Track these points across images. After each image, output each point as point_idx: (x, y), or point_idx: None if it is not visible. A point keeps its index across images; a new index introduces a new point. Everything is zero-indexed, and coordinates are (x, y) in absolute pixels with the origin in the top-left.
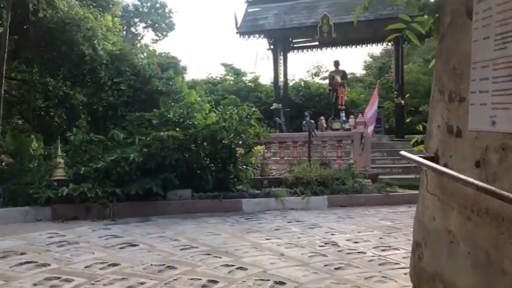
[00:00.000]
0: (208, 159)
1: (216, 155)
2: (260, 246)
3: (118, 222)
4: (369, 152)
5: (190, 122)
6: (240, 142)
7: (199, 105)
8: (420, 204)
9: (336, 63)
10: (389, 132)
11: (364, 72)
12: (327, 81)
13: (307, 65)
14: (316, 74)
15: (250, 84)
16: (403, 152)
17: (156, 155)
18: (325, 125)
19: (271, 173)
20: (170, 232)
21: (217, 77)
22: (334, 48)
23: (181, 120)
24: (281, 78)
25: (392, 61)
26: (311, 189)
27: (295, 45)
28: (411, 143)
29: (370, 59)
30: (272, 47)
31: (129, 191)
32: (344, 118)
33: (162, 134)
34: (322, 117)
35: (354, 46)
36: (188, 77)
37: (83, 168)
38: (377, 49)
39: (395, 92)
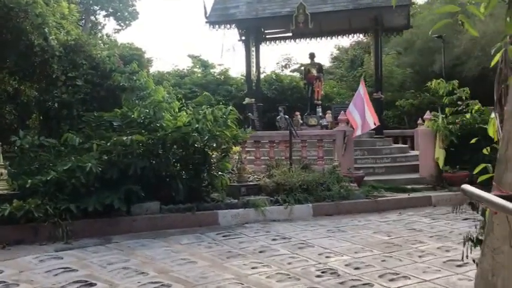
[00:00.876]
0: (178, 166)
1: (188, 160)
2: (246, 279)
3: (73, 246)
4: (352, 152)
5: (157, 124)
6: (215, 145)
7: (167, 104)
8: (488, 259)
9: (311, 56)
10: None
11: (330, 64)
12: (297, 74)
13: (277, 57)
14: (286, 66)
15: (219, 77)
16: (466, 187)
17: (118, 163)
18: (300, 121)
19: (249, 178)
20: (135, 260)
21: (184, 69)
22: (308, 39)
23: (147, 121)
24: (253, 71)
25: (371, 53)
26: (294, 197)
27: (267, 36)
28: (474, 172)
29: (337, 51)
30: (244, 37)
31: (86, 207)
32: (320, 114)
33: (125, 138)
34: (297, 113)
35: (329, 37)
36: (154, 69)
37: (29, 181)
38: (345, 42)
39: (372, 86)
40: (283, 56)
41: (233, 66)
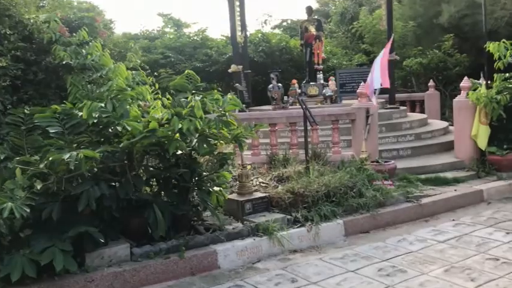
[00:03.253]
0: (155, 186)
1: (169, 177)
2: None
3: None
4: (377, 136)
5: (119, 126)
6: (208, 150)
7: (135, 90)
8: None
9: (309, 10)
10: None
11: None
12: (281, 30)
13: (255, 13)
14: (266, 23)
15: (195, 38)
16: None
17: (60, 194)
18: (298, 91)
19: (254, 186)
20: None
21: (153, 30)
22: None
23: (104, 122)
24: (238, 31)
25: (383, 6)
26: (318, 212)
27: None
28: None
29: (317, 4)
30: None
31: (8, 272)
32: (322, 81)
33: (66, 156)
34: (294, 81)
35: None
36: (118, 31)
37: None
38: None
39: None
40: (264, 13)
41: (214, 26)
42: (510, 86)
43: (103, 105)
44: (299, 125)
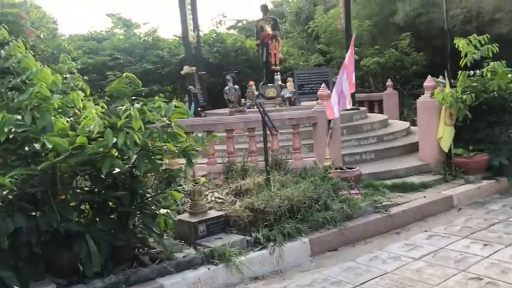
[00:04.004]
0: (87, 212)
1: (104, 200)
2: None
3: None
4: (340, 140)
5: (38, 143)
6: (152, 167)
7: (65, 98)
8: None
9: (264, 9)
10: None
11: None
12: (237, 31)
13: (210, 14)
14: (221, 23)
15: (146, 38)
16: None
17: None
18: (256, 93)
19: (209, 206)
20: None
21: (102, 31)
22: None
23: (21, 138)
24: (191, 31)
25: (341, 1)
26: (281, 230)
27: None
28: None
29: (271, 5)
30: None
31: None
32: (280, 82)
33: None
34: (252, 83)
35: None
36: (65, 32)
37: None
38: None
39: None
40: (218, 14)
41: (166, 26)
42: (474, 84)
43: (19, 117)
44: (258, 130)
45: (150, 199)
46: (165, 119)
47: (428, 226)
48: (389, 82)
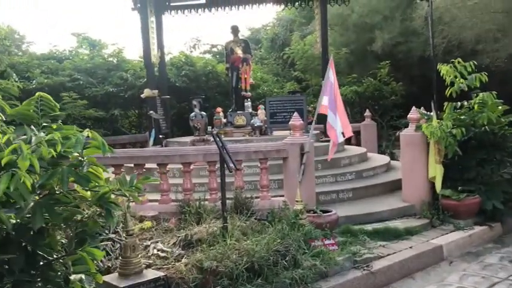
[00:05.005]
0: None
1: None
2: None
3: None
4: (314, 177)
5: None
6: (60, 219)
7: None
8: None
9: (235, 30)
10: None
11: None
12: (208, 55)
13: (184, 38)
14: (195, 47)
15: (111, 59)
16: None
17: None
18: (224, 120)
19: (148, 264)
20: None
21: (65, 50)
22: (227, 8)
23: None
24: (154, 52)
25: (318, 26)
26: None
27: (173, 4)
28: None
29: (249, 32)
30: (139, 5)
31: None
32: (250, 109)
33: None
34: (219, 110)
35: (255, 5)
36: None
37: None
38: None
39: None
40: (192, 37)
41: (131, 46)
42: (463, 117)
43: None
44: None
45: (56, 262)
46: (76, 154)
47: (417, 285)
48: (367, 112)
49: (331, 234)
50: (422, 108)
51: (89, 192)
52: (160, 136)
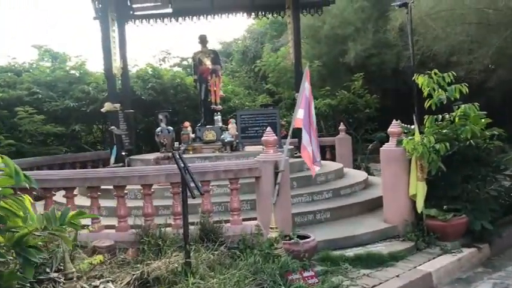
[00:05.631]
0: None
1: None
2: None
3: None
4: (289, 197)
5: None
6: None
7: None
8: None
9: (203, 40)
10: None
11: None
12: (178, 68)
13: (153, 50)
14: (165, 60)
15: (74, 72)
16: None
17: None
18: (192, 135)
19: None
20: None
21: (24, 63)
22: (195, 18)
23: None
24: (116, 63)
25: (290, 37)
26: None
27: (137, 13)
28: None
29: (220, 46)
30: (100, 13)
31: None
32: (221, 124)
33: None
34: (187, 124)
35: (224, 15)
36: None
37: None
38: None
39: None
40: (162, 50)
41: (95, 58)
42: (445, 131)
43: None
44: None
45: None
46: None
47: None
48: (341, 126)
49: (310, 265)
50: (398, 121)
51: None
52: (123, 153)
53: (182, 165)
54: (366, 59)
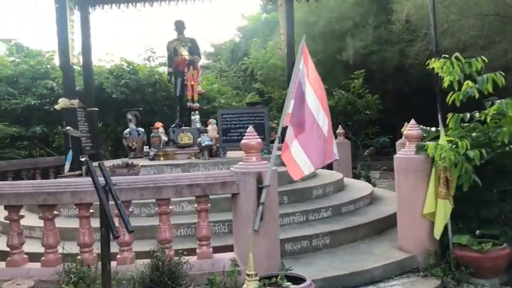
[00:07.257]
0: None
1: None
2: None
3: None
4: (278, 224)
5: None
6: None
7: None
8: None
9: (179, 26)
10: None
11: (208, 61)
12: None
13: (137, 48)
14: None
15: (39, 67)
16: None
17: None
18: (164, 138)
19: None
20: None
21: None
22: (172, 2)
23: None
24: (75, 52)
25: (282, 24)
26: None
27: None
28: None
29: (212, 49)
30: None
31: None
32: (199, 125)
33: None
34: (159, 125)
35: None
36: None
37: None
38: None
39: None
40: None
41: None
42: (474, 134)
43: None
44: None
45: None
46: None
47: None
48: (340, 129)
49: None
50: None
51: None
52: (82, 159)
53: (105, 184)
54: (365, 57)
